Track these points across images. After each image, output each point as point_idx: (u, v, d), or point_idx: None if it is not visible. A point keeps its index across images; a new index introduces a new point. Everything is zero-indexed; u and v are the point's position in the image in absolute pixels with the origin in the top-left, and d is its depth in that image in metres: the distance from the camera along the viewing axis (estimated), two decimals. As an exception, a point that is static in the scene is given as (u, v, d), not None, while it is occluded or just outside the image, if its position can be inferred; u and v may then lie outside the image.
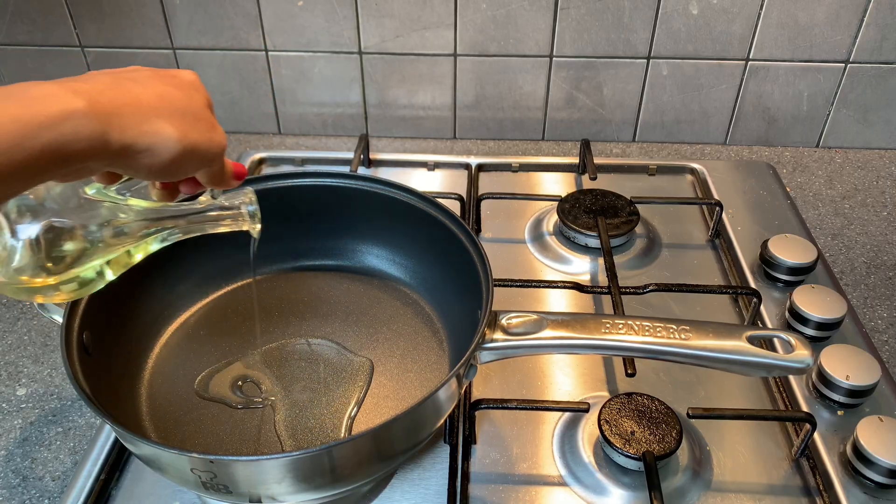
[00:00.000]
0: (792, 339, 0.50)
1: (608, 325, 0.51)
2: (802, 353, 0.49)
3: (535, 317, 0.52)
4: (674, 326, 0.50)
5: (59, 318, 0.53)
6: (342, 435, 0.57)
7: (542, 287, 0.73)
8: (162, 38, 0.97)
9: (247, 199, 0.51)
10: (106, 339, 0.57)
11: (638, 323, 0.51)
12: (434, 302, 0.68)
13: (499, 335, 0.52)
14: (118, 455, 0.59)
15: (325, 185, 0.68)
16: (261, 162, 0.96)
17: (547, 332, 0.51)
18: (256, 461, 0.45)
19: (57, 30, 0.96)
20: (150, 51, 0.98)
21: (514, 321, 0.52)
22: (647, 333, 0.50)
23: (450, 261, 0.62)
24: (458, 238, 0.61)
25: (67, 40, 0.97)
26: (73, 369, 0.49)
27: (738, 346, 0.49)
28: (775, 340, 0.57)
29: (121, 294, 0.60)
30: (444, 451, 0.60)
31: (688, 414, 0.57)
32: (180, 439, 0.58)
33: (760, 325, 0.71)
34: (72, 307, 0.54)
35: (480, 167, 0.94)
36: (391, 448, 0.50)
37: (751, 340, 0.49)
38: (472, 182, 0.91)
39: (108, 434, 0.60)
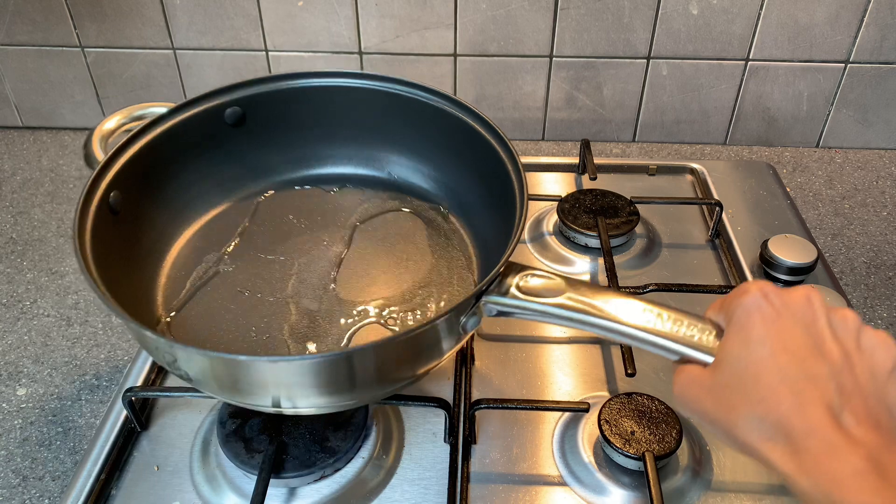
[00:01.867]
0: None
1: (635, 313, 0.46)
2: None
3: (556, 280, 0.49)
4: (708, 330, 0.44)
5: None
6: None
7: (542, 287, 0.73)
8: (162, 39, 0.97)
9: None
10: (136, 205, 0.57)
11: (667, 313, 0.46)
12: (465, 218, 0.66)
13: (513, 291, 0.48)
14: (118, 455, 0.59)
15: (346, 87, 0.66)
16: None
17: (563, 300, 0.47)
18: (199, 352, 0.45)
19: (57, 30, 0.96)
20: (150, 51, 0.98)
21: (532, 281, 0.49)
22: (677, 331, 0.45)
23: (483, 175, 0.60)
24: (499, 157, 0.58)
25: (67, 40, 0.97)
26: (81, 228, 0.49)
27: None
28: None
29: (162, 166, 0.61)
30: (444, 452, 0.60)
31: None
32: (184, 318, 0.59)
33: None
34: (106, 163, 0.54)
35: (480, 167, 0.94)
36: (373, 372, 0.49)
37: None
38: (472, 182, 0.91)
39: (107, 434, 0.60)
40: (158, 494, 0.57)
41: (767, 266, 0.76)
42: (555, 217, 0.84)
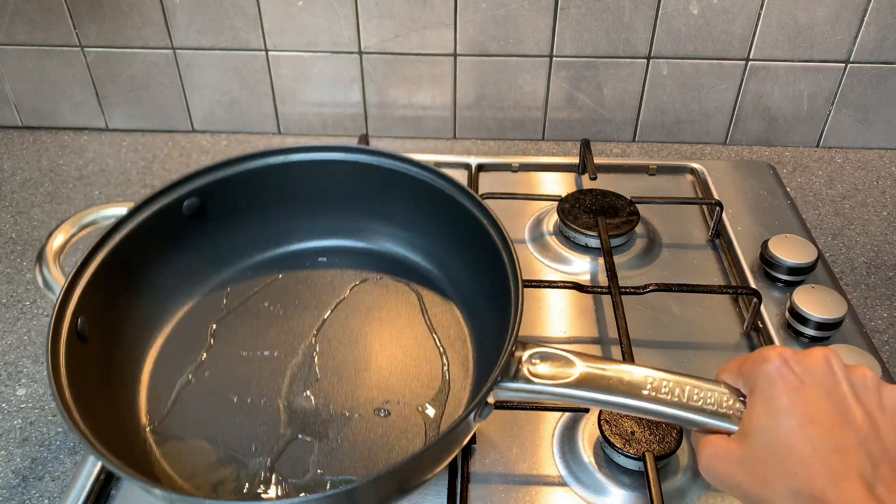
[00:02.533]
0: None
1: (653, 385, 0.45)
2: None
3: (565, 359, 0.47)
4: (727, 395, 0.44)
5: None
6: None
7: (543, 287, 0.73)
8: (161, 38, 0.97)
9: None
10: (104, 325, 0.54)
11: (689, 386, 0.45)
12: (450, 286, 0.66)
13: (524, 373, 0.47)
14: (118, 455, 0.59)
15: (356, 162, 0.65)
16: (261, 162, 0.96)
17: (577, 387, 0.46)
18: None
19: (56, 30, 0.96)
20: (150, 51, 0.98)
21: (541, 362, 0.47)
22: (697, 401, 0.44)
23: (480, 260, 0.59)
24: (493, 242, 0.57)
25: (67, 40, 0.97)
26: (55, 367, 0.46)
27: None
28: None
29: (125, 277, 0.58)
30: (444, 452, 0.60)
31: (688, 414, 0.57)
32: (179, 433, 0.56)
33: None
34: (67, 289, 0.51)
35: (480, 167, 0.94)
36: (401, 485, 0.48)
37: None
38: (473, 182, 0.91)
39: (107, 434, 0.60)
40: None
41: (768, 266, 0.76)
42: (555, 217, 0.84)
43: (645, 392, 0.45)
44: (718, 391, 0.44)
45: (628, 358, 0.62)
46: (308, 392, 0.59)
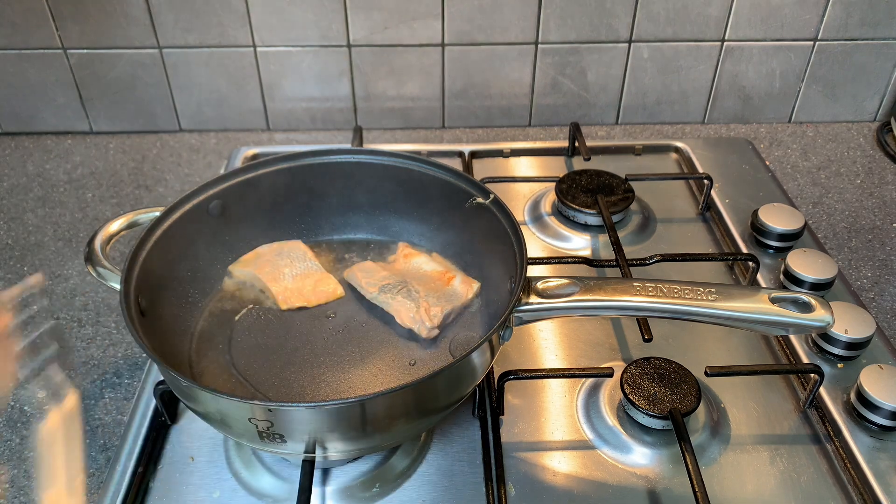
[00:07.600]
0: (812, 300, 0.52)
1: (638, 288, 0.53)
2: (822, 313, 0.52)
3: (567, 281, 0.55)
4: (701, 289, 0.53)
5: (116, 286, 0.56)
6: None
7: (553, 263, 0.76)
8: (147, 38, 0.96)
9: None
10: (157, 302, 0.60)
11: (667, 286, 0.53)
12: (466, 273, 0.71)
13: (534, 298, 0.54)
14: (152, 448, 0.60)
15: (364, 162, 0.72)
16: (254, 157, 0.96)
17: (580, 295, 0.53)
18: (313, 407, 0.48)
19: (38, 32, 0.95)
20: (136, 51, 0.97)
21: (548, 285, 0.55)
22: (675, 296, 0.52)
23: (481, 232, 0.65)
24: (489, 210, 0.63)
25: (49, 42, 0.96)
26: (134, 328, 0.52)
27: (763, 307, 0.52)
28: (791, 301, 0.58)
29: (170, 265, 0.64)
30: (473, 427, 0.61)
31: (706, 372, 0.60)
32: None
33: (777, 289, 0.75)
34: (127, 275, 0.57)
35: (473, 154, 0.96)
36: (434, 401, 0.52)
37: (773, 302, 0.52)
38: (467, 169, 0.93)
39: (137, 429, 0.61)
40: (196, 485, 0.58)
41: (758, 234, 0.80)
42: (552, 198, 0.86)
43: (636, 287, 0.53)
44: (695, 286, 0.53)
45: (644, 326, 0.65)
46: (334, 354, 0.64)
